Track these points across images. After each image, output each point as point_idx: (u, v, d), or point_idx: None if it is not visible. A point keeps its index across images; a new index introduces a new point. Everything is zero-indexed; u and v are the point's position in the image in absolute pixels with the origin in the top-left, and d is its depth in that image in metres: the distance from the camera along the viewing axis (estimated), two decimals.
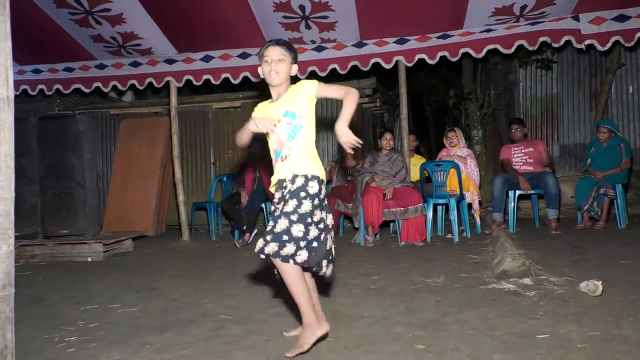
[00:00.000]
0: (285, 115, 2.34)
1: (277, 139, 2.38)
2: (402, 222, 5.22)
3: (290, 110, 2.34)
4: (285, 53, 2.40)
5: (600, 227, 5.35)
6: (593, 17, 5.14)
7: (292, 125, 2.33)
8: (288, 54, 2.41)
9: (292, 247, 2.18)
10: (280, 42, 2.44)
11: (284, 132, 2.35)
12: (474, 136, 8.56)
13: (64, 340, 2.63)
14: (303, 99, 2.35)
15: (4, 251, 1.86)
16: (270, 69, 2.38)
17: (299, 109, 2.34)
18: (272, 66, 2.38)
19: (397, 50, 5.66)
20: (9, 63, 1.89)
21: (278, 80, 2.39)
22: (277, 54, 2.38)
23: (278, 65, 2.37)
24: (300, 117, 2.33)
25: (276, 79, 2.38)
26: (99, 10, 5.23)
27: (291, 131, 2.33)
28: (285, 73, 2.40)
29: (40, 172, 5.72)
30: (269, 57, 2.39)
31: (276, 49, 2.40)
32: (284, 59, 2.39)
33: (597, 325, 2.41)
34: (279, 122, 2.35)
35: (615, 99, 7.38)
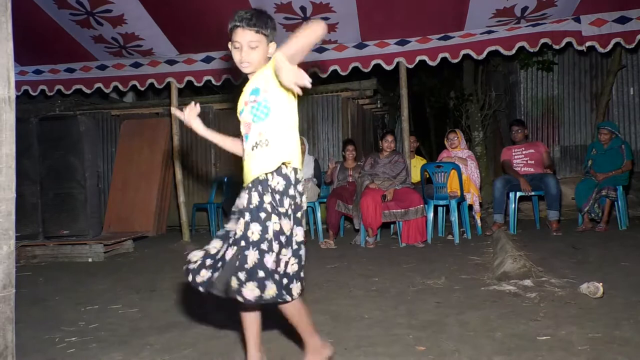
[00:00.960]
0: (250, 94, 1.92)
1: (244, 122, 1.96)
2: (403, 223, 5.22)
3: (254, 87, 1.91)
4: (259, 38, 1.93)
5: (601, 228, 5.35)
6: (594, 18, 5.15)
7: (257, 102, 1.88)
8: (263, 38, 1.94)
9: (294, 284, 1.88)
10: (251, 23, 1.92)
11: (249, 113, 1.91)
12: (475, 137, 8.56)
13: (64, 340, 2.63)
14: (269, 71, 1.87)
15: (4, 251, 1.86)
16: (242, 59, 1.93)
17: (264, 82, 1.88)
18: (243, 56, 1.93)
19: (398, 51, 5.67)
20: (10, 64, 1.89)
21: (249, 70, 1.96)
22: (247, 40, 1.92)
23: (250, 54, 1.92)
24: (265, 90, 1.87)
25: (247, 69, 1.95)
26: (100, 11, 5.24)
27: (257, 110, 1.88)
28: (259, 60, 1.94)
29: (41, 173, 5.72)
30: (238, 42, 1.94)
31: (246, 34, 1.92)
32: (258, 45, 1.93)
33: (597, 327, 2.40)
34: (246, 104, 1.93)
35: (616, 101, 7.38)
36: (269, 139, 1.87)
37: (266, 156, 1.87)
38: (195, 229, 7.02)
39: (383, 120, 10.85)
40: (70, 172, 5.66)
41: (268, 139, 1.87)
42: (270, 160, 1.86)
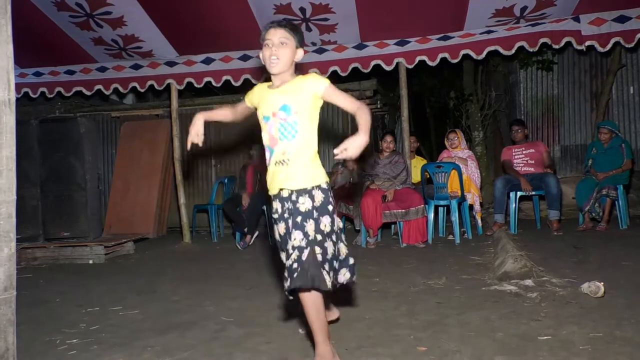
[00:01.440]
0: (280, 109, 2.06)
1: (269, 135, 2.10)
2: (404, 223, 5.22)
3: (287, 104, 2.05)
4: (288, 36, 2.09)
5: (601, 228, 5.34)
6: (593, 18, 5.15)
7: (286, 122, 2.04)
8: (292, 37, 2.11)
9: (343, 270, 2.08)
10: (282, 24, 2.12)
11: (276, 128, 2.06)
12: (475, 137, 8.56)
13: (65, 342, 2.63)
14: (306, 96, 2.05)
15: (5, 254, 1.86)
16: (271, 53, 2.07)
17: (297, 104, 2.04)
18: (272, 50, 2.07)
19: (398, 51, 5.67)
20: (10, 66, 1.89)
21: (278, 68, 2.08)
22: (278, 37, 2.07)
23: (279, 50, 2.07)
24: (296, 112, 2.04)
25: (276, 66, 2.07)
26: (99, 14, 5.24)
27: (284, 129, 2.04)
28: (287, 59, 2.09)
29: (42, 175, 5.72)
30: (270, 40, 2.08)
31: (278, 31, 2.08)
32: (286, 42, 2.08)
33: (598, 327, 2.40)
34: (274, 115, 2.07)
35: (616, 100, 7.38)
36: (290, 160, 2.04)
37: (289, 175, 2.04)
38: (196, 230, 7.02)
39: (383, 121, 10.84)
40: (71, 174, 5.67)
41: (290, 159, 2.04)
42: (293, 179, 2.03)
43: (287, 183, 2.04)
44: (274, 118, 2.08)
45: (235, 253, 5.44)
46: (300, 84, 2.07)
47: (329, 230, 2.01)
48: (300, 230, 1.97)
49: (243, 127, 7.69)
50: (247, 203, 5.91)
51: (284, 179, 2.04)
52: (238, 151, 7.71)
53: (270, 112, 2.10)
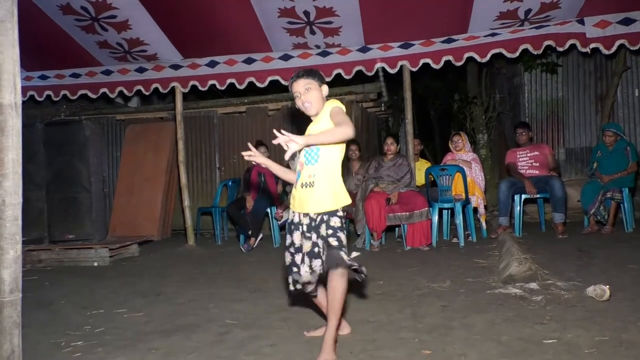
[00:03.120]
0: None
1: (299, 161, 2.41)
2: (408, 226, 5.21)
3: (310, 133, 2.36)
4: (309, 81, 2.41)
5: (607, 231, 5.32)
6: (598, 20, 5.13)
7: (310, 148, 2.33)
8: (313, 80, 2.42)
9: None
10: (300, 74, 2.43)
11: (303, 155, 2.37)
12: (479, 140, 8.54)
13: (70, 345, 2.64)
14: (326, 120, 2.34)
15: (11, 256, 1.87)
16: (303, 101, 2.40)
17: (318, 131, 2.32)
18: (302, 99, 2.40)
19: (402, 54, 5.67)
20: (16, 70, 1.91)
21: (314, 110, 2.41)
22: (302, 86, 2.40)
23: (307, 96, 2.39)
24: None
25: (311, 109, 2.40)
26: (105, 17, 5.27)
27: (308, 155, 2.34)
28: (317, 99, 2.41)
29: (47, 178, 5.75)
30: (297, 92, 2.42)
31: (299, 82, 2.41)
32: (310, 87, 2.40)
33: (604, 331, 2.39)
34: None
35: (621, 102, 7.36)
36: (315, 182, 2.32)
37: (312, 196, 2.32)
38: (200, 232, 7.03)
39: (387, 123, 10.85)
40: (76, 176, 5.70)
41: (314, 182, 2.32)
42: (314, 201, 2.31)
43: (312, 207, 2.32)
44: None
45: (239, 256, 5.44)
46: (321, 114, 2.39)
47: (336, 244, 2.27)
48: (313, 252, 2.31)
49: (247, 131, 7.71)
50: (251, 206, 5.91)
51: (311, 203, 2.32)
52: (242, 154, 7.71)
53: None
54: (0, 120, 1.88)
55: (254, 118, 7.70)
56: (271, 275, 4.24)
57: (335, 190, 2.33)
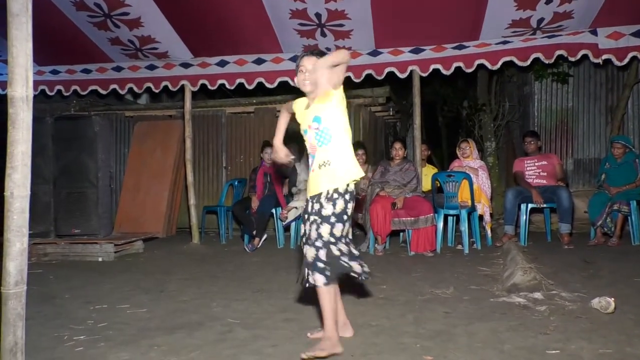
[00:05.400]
0: (313, 121, 2.43)
1: (310, 144, 2.47)
2: (412, 232, 5.20)
3: (317, 115, 2.41)
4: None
5: (613, 243, 5.28)
6: (611, 31, 5.11)
7: (320, 130, 2.40)
8: None
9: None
10: (314, 52, 2.51)
11: (313, 137, 2.44)
12: (487, 148, 8.51)
13: (73, 339, 2.65)
14: (330, 103, 2.39)
15: (17, 248, 1.88)
16: (304, 77, 2.47)
17: (325, 113, 2.40)
18: (305, 76, 2.46)
19: (412, 59, 5.66)
20: (29, 64, 1.92)
21: (309, 88, 2.47)
22: (311, 63, 2.44)
23: (311, 75, 2.43)
24: (326, 119, 2.39)
25: (310, 87, 2.46)
26: (117, 14, 5.30)
27: (319, 137, 2.41)
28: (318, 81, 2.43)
29: (55, 172, 5.78)
30: (304, 66, 2.48)
31: (310, 59, 2.46)
32: None
33: (608, 343, 2.37)
34: (310, 127, 2.45)
35: (632, 115, 7.30)
36: (331, 160, 2.38)
37: (330, 175, 2.37)
38: (205, 231, 7.04)
39: (395, 128, 10.83)
40: (84, 171, 5.72)
41: (330, 160, 2.39)
42: (334, 178, 2.37)
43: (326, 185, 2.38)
44: (310, 130, 2.45)
45: (243, 255, 5.44)
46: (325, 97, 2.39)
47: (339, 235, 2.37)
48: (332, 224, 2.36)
49: (255, 131, 7.73)
50: (257, 206, 5.92)
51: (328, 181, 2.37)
52: (249, 154, 7.74)
53: (306, 126, 2.47)
54: (12, 113, 1.89)
55: (262, 119, 7.71)
56: (274, 275, 4.24)
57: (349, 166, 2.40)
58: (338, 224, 2.34)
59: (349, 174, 2.38)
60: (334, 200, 2.35)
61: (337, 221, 2.34)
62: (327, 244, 2.32)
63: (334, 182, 2.37)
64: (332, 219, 2.34)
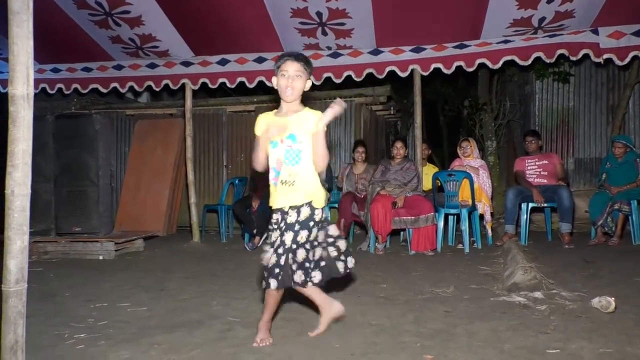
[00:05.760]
0: (287, 137, 2.38)
1: (277, 158, 2.42)
2: (413, 231, 5.20)
3: (293, 133, 2.37)
4: (302, 69, 2.40)
5: (614, 243, 5.28)
6: (612, 31, 5.10)
7: (292, 149, 2.37)
8: (305, 70, 2.41)
9: (314, 272, 2.43)
10: (299, 58, 2.42)
11: (282, 154, 2.39)
12: (488, 147, 8.51)
13: (73, 337, 2.65)
14: (309, 128, 2.37)
15: (18, 246, 1.88)
16: (287, 84, 2.38)
17: (302, 134, 2.37)
18: (288, 82, 2.37)
19: (413, 58, 5.66)
20: (30, 62, 1.92)
21: (292, 97, 2.40)
22: (294, 70, 2.38)
23: (294, 82, 2.37)
24: (301, 142, 2.36)
25: (291, 95, 2.39)
26: (118, 12, 5.30)
27: (290, 155, 2.38)
28: (299, 90, 2.41)
29: (55, 170, 5.78)
30: (286, 72, 2.38)
31: (294, 65, 2.38)
32: (300, 75, 2.39)
33: (609, 343, 2.37)
34: (282, 142, 2.40)
35: (633, 114, 7.30)
36: (295, 181, 2.38)
37: (291, 193, 2.39)
38: (206, 230, 7.04)
39: (396, 127, 10.83)
40: (84, 170, 5.72)
41: (295, 181, 2.38)
42: (294, 197, 2.39)
43: (290, 201, 2.40)
44: (281, 144, 2.40)
45: (243, 254, 5.44)
46: (306, 117, 2.40)
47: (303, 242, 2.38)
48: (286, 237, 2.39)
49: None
50: (257, 205, 5.92)
51: (289, 199, 2.39)
52: (250, 153, 7.73)
53: (278, 139, 2.40)
54: (12, 112, 1.89)
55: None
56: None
57: (313, 191, 2.41)
58: (303, 232, 2.37)
59: (314, 196, 2.41)
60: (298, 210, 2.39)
61: (301, 229, 2.37)
62: (289, 251, 2.36)
63: (294, 200, 2.39)
64: (297, 226, 2.37)
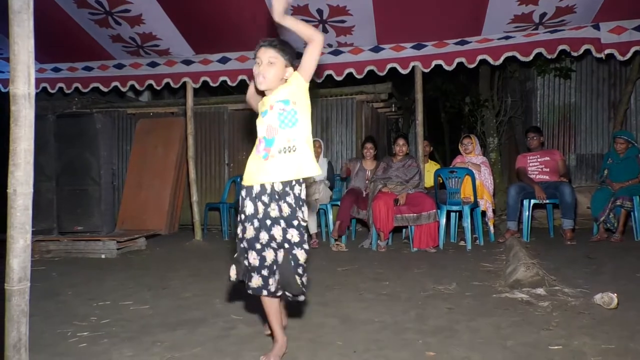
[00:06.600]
0: (278, 101, 2.14)
1: (267, 126, 2.15)
2: (415, 228, 5.20)
3: (284, 97, 2.14)
4: (277, 55, 2.16)
5: (616, 239, 5.27)
6: (614, 26, 5.08)
7: (285, 111, 2.12)
8: (281, 56, 2.17)
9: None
10: (273, 43, 2.18)
11: (275, 118, 2.13)
12: (490, 144, 8.49)
13: (76, 335, 2.66)
14: (298, 88, 2.15)
15: (20, 245, 1.88)
16: (258, 72, 2.16)
17: (294, 96, 2.13)
18: (259, 69, 2.16)
19: (414, 55, 5.65)
20: (31, 61, 1.91)
21: (265, 86, 2.17)
22: (268, 57, 2.15)
23: (267, 69, 2.14)
24: (294, 102, 2.12)
25: (263, 84, 2.16)
26: (118, 11, 5.29)
27: (284, 117, 2.11)
28: (275, 78, 2.17)
29: (57, 169, 5.79)
30: (259, 58, 2.17)
31: (267, 51, 2.16)
32: (274, 62, 2.15)
33: (611, 339, 2.37)
34: (272, 108, 2.15)
35: (635, 110, 7.28)
36: (297, 146, 2.11)
37: (293, 162, 2.11)
38: (208, 228, 7.05)
39: (397, 124, 10.82)
40: (86, 168, 5.73)
41: (296, 146, 2.11)
42: (297, 166, 2.12)
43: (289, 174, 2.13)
44: (271, 110, 2.15)
45: None
46: (289, 83, 2.18)
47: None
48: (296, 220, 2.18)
49: None
50: None
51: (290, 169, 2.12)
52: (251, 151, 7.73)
53: (267, 106, 2.17)
54: (14, 111, 1.89)
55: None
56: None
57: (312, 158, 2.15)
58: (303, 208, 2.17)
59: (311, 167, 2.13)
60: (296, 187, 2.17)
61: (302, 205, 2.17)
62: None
63: (299, 171, 2.12)
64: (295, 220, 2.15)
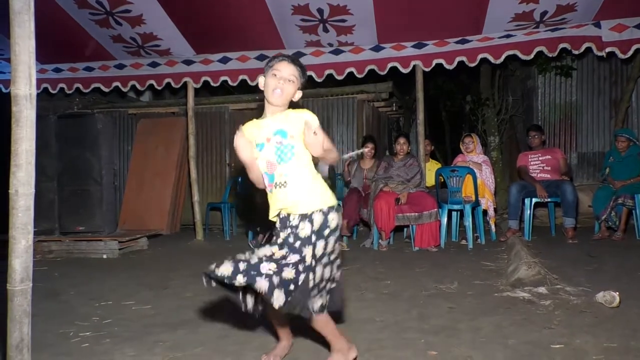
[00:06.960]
0: (275, 134, 2.08)
1: (266, 160, 2.11)
2: (416, 227, 5.20)
3: (281, 129, 2.07)
4: (297, 75, 2.14)
5: (618, 237, 5.27)
6: (615, 24, 5.08)
7: (282, 145, 2.06)
8: (299, 77, 2.15)
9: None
10: (296, 62, 2.16)
11: (272, 153, 2.08)
12: (491, 142, 8.49)
13: (78, 335, 2.66)
14: (299, 124, 2.05)
15: (22, 245, 1.88)
16: (276, 85, 2.10)
17: (292, 128, 2.06)
18: (279, 83, 2.10)
19: (415, 54, 5.65)
20: (32, 61, 1.92)
21: (280, 101, 2.11)
22: (288, 73, 2.12)
23: (285, 85, 2.10)
24: (292, 136, 2.05)
25: (279, 98, 2.11)
26: (119, 11, 5.30)
27: (281, 152, 2.06)
28: (289, 95, 2.13)
29: (59, 170, 5.80)
30: (279, 72, 2.12)
31: (290, 67, 2.13)
32: (294, 80, 2.13)
33: (613, 337, 2.36)
34: (269, 140, 2.09)
35: (636, 108, 7.27)
36: (287, 181, 2.06)
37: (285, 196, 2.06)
38: (209, 228, 7.05)
39: (398, 124, 10.81)
40: (87, 169, 5.74)
41: (287, 181, 2.06)
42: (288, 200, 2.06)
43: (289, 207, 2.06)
44: (268, 144, 2.10)
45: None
46: (294, 116, 2.10)
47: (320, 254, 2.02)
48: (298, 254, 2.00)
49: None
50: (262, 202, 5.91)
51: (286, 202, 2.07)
52: None
53: (264, 139, 2.11)
54: (15, 111, 1.89)
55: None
56: None
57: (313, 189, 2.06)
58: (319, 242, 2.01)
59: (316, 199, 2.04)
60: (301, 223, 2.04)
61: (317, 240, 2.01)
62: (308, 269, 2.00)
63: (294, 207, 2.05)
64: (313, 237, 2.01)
